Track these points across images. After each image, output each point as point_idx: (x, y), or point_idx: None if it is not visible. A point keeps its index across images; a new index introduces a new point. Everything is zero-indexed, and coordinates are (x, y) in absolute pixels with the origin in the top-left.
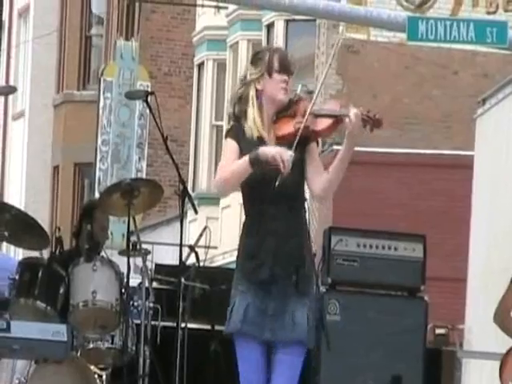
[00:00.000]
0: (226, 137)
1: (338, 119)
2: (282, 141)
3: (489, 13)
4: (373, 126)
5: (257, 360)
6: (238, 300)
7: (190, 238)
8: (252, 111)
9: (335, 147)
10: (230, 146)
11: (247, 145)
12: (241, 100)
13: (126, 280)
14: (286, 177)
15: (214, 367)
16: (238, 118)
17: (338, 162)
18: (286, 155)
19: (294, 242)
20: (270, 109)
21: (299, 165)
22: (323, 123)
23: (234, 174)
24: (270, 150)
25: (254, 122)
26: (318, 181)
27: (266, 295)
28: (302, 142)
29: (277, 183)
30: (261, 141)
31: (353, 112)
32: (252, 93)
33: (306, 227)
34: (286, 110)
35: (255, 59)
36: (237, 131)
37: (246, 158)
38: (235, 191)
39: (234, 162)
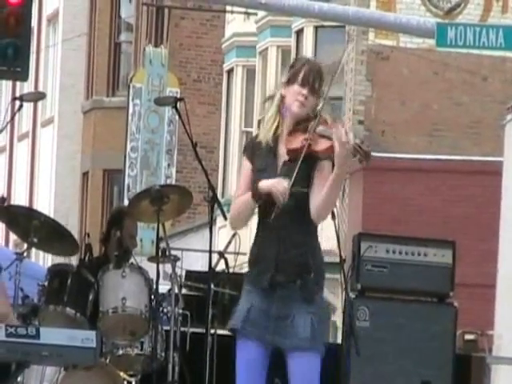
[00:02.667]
0: (243, 153)
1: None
2: (291, 154)
3: None
4: (361, 158)
5: (254, 359)
6: (243, 299)
7: (220, 245)
8: (271, 112)
9: None
10: (244, 168)
11: (260, 161)
12: (270, 99)
13: (155, 286)
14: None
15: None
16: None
17: (329, 183)
18: (282, 187)
19: (298, 251)
20: (286, 118)
21: (306, 179)
22: (323, 144)
23: (241, 212)
24: (267, 184)
25: (267, 124)
26: (314, 200)
27: (270, 299)
28: (309, 159)
29: (273, 215)
30: (273, 153)
31: (341, 140)
32: (278, 95)
33: (314, 238)
34: (301, 124)
35: (291, 65)
36: (250, 148)
37: (249, 193)
38: (246, 224)
39: (240, 200)
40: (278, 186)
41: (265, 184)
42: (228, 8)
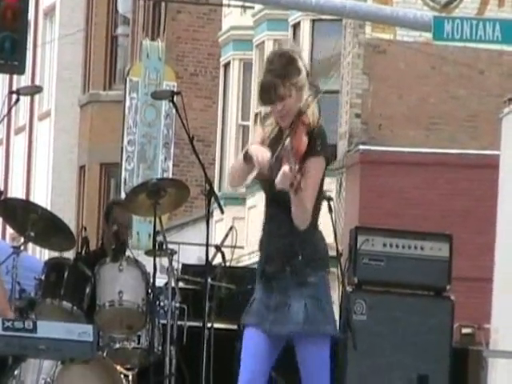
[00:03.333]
0: (260, 123)
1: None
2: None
3: None
4: (294, 190)
5: (256, 346)
6: (254, 294)
7: (216, 238)
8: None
9: (361, 147)
10: (256, 133)
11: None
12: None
13: (152, 280)
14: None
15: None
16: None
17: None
18: (262, 158)
19: (285, 241)
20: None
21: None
22: (301, 140)
23: (234, 169)
24: (254, 149)
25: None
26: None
27: (270, 290)
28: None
29: (251, 176)
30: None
31: (282, 170)
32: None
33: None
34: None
35: None
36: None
37: (241, 156)
38: (242, 184)
39: (237, 159)
40: (261, 154)
41: (253, 148)
42: (225, 1)
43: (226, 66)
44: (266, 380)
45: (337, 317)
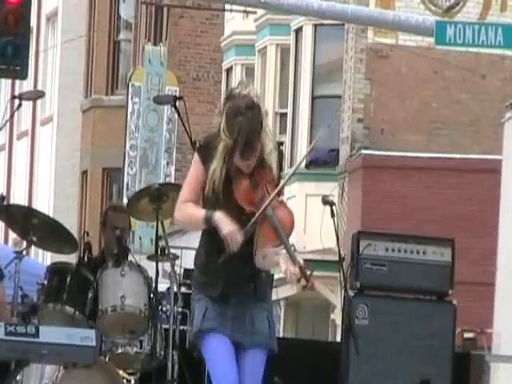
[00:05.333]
0: (197, 151)
1: (278, 241)
2: (236, 207)
3: None
4: (306, 285)
5: (226, 350)
6: (197, 307)
7: None
8: (215, 163)
9: (363, 151)
10: (195, 169)
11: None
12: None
13: (154, 285)
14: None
15: None
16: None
17: (270, 263)
18: (237, 239)
19: (246, 266)
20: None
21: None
22: (267, 230)
23: (190, 224)
24: (223, 226)
25: (212, 177)
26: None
27: (224, 304)
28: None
29: (221, 259)
30: (217, 198)
31: (291, 269)
32: (222, 145)
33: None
34: (249, 173)
35: (228, 125)
36: (208, 152)
37: (202, 215)
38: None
39: (191, 213)
40: (232, 236)
41: (222, 225)
42: (227, 6)
43: (229, 70)
44: None
45: (339, 321)
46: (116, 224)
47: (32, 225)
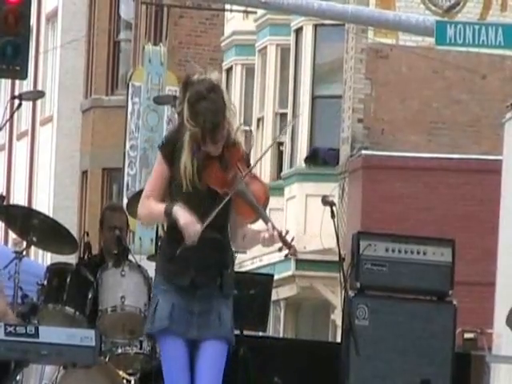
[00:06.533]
0: (160, 149)
1: (255, 215)
2: (210, 192)
3: None
4: (287, 253)
5: (183, 358)
6: (161, 299)
7: None
8: (185, 156)
9: (363, 152)
10: (159, 167)
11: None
12: (182, 119)
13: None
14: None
15: (243, 373)
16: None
17: (251, 241)
18: (193, 231)
19: (218, 252)
20: (201, 155)
21: (223, 217)
22: (242, 207)
23: (152, 218)
24: (181, 219)
25: (185, 169)
26: (234, 238)
27: (190, 297)
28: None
29: (178, 251)
30: (196, 188)
31: (270, 232)
32: (187, 136)
33: (227, 237)
34: (218, 156)
35: (192, 112)
36: (171, 151)
37: (162, 209)
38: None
39: (153, 208)
40: (190, 227)
41: (179, 217)
42: (227, 6)
43: (229, 70)
44: None
45: (339, 321)
46: (113, 223)
47: (32, 225)
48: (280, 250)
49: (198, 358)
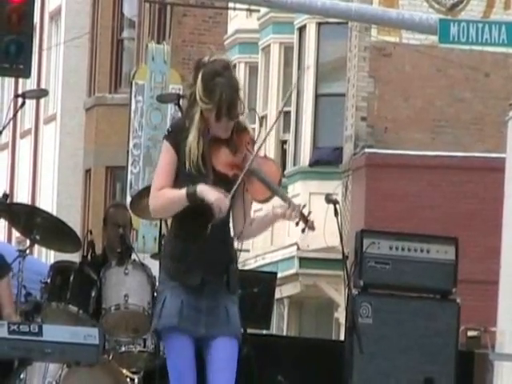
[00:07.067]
0: (166, 138)
1: (270, 193)
2: (219, 176)
3: None
4: (304, 227)
5: (189, 356)
6: (169, 295)
7: None
8: (191, 137)
9: (367, 150)
10: (166, 155)
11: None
12: (191, 102)
13: (157, 283)
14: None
15: (247, 371)
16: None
17: (261, 223)
18: (225, 204)
19: (224, 248)
20: (209, 138)
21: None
22: (257, 189)
23: (170, 208)
24: (209, 196)
25: (190, 150)
26: (238, 227)
27: (198, 294)
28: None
29: (208, 229)
30: (199, 172)
31: (292, 209)
32: (197, 117)
33: (230, 234)
34: (226, 140)
35: (207, 89)
36: (176, 137)
37: (184, 192)
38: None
39: (169, 194)
40: (222, 202)
41: (208, 194)
42: (230, 5)
43: None
44: None
45: (343, 320)
46: (117, 221)
47: (35, 223)
48: (297, 224)
49: (211, 359)
